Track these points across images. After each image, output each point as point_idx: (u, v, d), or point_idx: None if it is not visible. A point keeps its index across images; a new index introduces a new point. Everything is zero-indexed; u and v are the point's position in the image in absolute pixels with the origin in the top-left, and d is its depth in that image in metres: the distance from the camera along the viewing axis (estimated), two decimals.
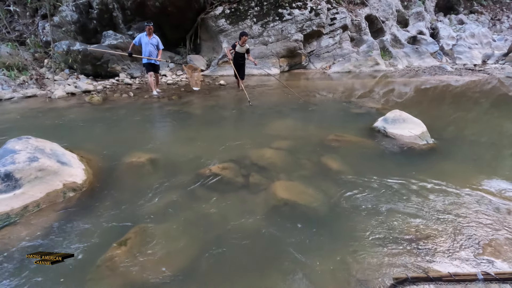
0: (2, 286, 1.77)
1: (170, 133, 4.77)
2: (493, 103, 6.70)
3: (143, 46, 6.29)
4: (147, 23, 6.15)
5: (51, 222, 2.34)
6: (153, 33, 6.27)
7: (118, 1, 8.48)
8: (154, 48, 6.31)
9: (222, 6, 9.78)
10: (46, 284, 1.80)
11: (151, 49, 6.27)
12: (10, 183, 2.42)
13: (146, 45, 6.25)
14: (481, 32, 14.17)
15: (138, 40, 6.29)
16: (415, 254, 2.04)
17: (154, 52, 6.35)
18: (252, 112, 5.62)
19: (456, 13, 16.51)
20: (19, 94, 6.50)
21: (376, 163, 3.42)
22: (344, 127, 4.59)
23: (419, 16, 14.10)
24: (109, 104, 6.05)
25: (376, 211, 2.52)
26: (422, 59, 12.16)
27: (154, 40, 6.26)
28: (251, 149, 3.70)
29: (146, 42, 6.22)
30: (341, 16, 10.81)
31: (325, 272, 1.92)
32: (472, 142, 4.25)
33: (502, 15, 17.09)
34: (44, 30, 8.53)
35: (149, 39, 6.22)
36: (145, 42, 6.23)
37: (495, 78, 9.73)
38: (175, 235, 2.24)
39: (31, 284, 1.78)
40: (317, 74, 10.24)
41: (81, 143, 3.86)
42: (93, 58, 7.87)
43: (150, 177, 3.07)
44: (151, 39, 6.23)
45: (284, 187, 2.85)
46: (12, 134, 3.32)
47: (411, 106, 6.26)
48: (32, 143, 2.81)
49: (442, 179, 3.01)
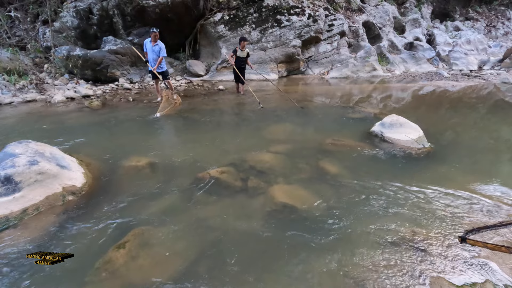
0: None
1: (169, 137, 4.79)
2: (489, 108, 6.78)
3: (148, 53, 6.11)
4: (152, 29, 5.88)
5: (50, 225, 2.35)
6: (158, 40, 5.98)
7: (118, 7, 8.56)
8: (156, 55, 6.05)
9: (221, 13, 9.89)
10: (44, 287, 1.80)
11: (154, 56, 6.06)
12: (10, 187, 2.43)
13: (149, 52, 6.08)
14: (476, 38, 14.36)
15: (144, 46, 6.14)
16: (412, 257, 2.06)
17: (156, 59, 6.09)
18: (250, 116, 5.66)
19: (452, 20, 16.75)
20: (19, 98, 6.52)
21: (373, 167, 3.46)
22: (342, 132, 4.63)
23: (416, 22, 14.30)
24: (108, 109, 6.08)
25: (373, 214, 2.55)
26: (419, 65, 12.30)
27: (156, 48, 5.98)
28: (249, 153, 3.73)
29: (150, 48, 6.04)
30: (339, 22, 10.95)
31: (323, 275, 1.94)
32: (468, 146, 4.30)
33: (497, 22, 17.35)
34: (45, 36, 8.59)
35: (152, 46, 6.00)
36: (149, 49, 6.05)
37: (491, 84, 9.84)
38: (173, 238, 2.25)
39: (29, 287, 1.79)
40: (315, 80, 10.33)
41: (81, 147, 3.88)
42: (93, 63, 7.92)
43: (149, 180, 3.09)
44: (154, 46, 5.99)
45: (282, 191, 2.87)
46: (12, 138, 3.35)
47: (408, 111, 6.32)
48: (32, 147, 2.83)
49: (436, 182, 3.04)
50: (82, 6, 8.59)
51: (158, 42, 6.00)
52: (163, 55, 6.05)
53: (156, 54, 6.04)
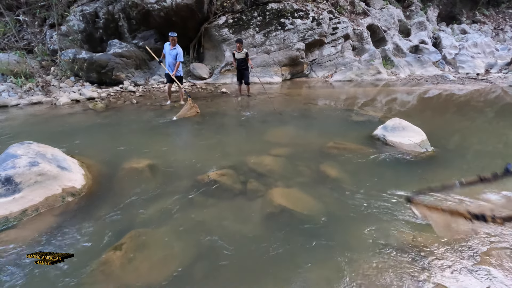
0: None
1: (170, 140, 4.81)
2: (496, 112, 6.66)
3: (166, 56, 6.29)
4: (170, 33, 6.08)
5: (48, 226, 2.36)
6: (176, 44, 6.19)
7: (123, 11, 8.69)
8: (173, 59, 6.24)
9: (225, 16, 9.96)
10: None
11: (171, 60, 6.25)
12: (10, 187, 2.45)
13: (167, 55, 6.26)
14: (483, 41, 14.17)
15: (163, 48, 6.34)
16: (411, 264, 2.02)
17: (173, 63, 6.27)
18: (252, 119, 5.66)
19: (458, 23, 16.58)
20: (25, 100, 6.64)
21: (374, 171, 3.41)
22: (343, 135, 4.59)
23: (421, 25, 14.19)
24: (112, 111, 6.14)
25: (372, 219, 2.50)
26: (424, 68, 12.18)
27: (173, 52, 6.17)
28: (250, 156, 3.71)
29: (168, 52, 6.22)
30: (343, 25, 10.93)
31: (321, 280, 1.90)
32: (474, 151, 4.21)
33: (505, 25, 17.11)
34: (52, 39, 8.75)
35: (170, 50, 6.19)
36: (167, 52, 6.24)
37: (498, 87, 9.69)
38: (170, 241, 2.24)
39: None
40: (319, 83, 10.30)
41: (83, 149, 3.92)
42: (98, 66, 8.03)
43: (149, 182, 3.09)
44: (172, 50, 6.18)
45: (281, 194, 2.84)
46: (16, 140, 3.38)
47: (413, 114, 6.25)
48: (33, 148, 2.87)
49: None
50: (88, 10, 8.74)
51: (176, 46, 6.20)
52: (180, 60, 6.24)
53: (173, 58, 6.23)
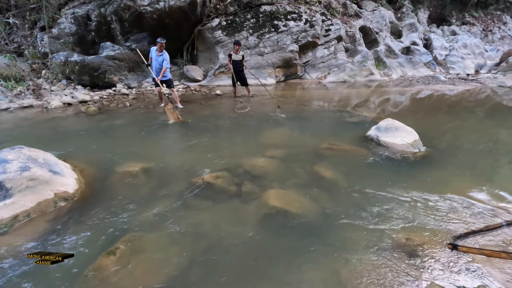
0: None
1: (165, 142, 4.78)
2: (486, 112, 6.79)
3: (152, 61, 6.23)
4: (159, 39, 5.96)
5: (40, 232, 2.33)
6: (164, 50, 6.11)
7: (116, 14, 8.62)
8: (159, 65, 6.17)
9: (218, 18, 9.96)
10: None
11: (157, 65, 6.18)
12: (1, 193, 2.41)
13: (154, 61, 6.20)
14: (473, 42, 14.44)
15: (150, 53, 6.27)
16: (405, 263, 2.04)
17: (160, 68, 6.19)
18: (246, 121, 5.66)
19: (448, 24, 16.86)
20: (16, 104, 6.53)
21: (368, 171, 3.44)
22: (337, 136, 4.63)
23: (412, 27, 14.39)
24: (105, 114, 6.08)
25: (367, 219, 2.53)
26: (416, 69, 12.35)
27: (160, 58, 6.11)
28: (244, 158, 3.71)
29: (155, 57, 6.16)
30: (336, 27, 11.03)
31: (316, 281, 1.91)
32: (465, 150, 4.28)
33: (493, 26, 17.46)
34: (42, 42, 8.63)
35: (157, 56, 6.13)
36: (154, 57, 6.18)
37: (487, 88, 9.88)
38: (165, 244, 2.23)
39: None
40: (313, 84, 10.36)
41: (76, 153, 3.87)
42: (90, 69, 7.95)
43: (143, 186, 3.07)
44: (159, 56, 6.12)
45: (276, 196, 2.85)
46: (7, 144, 3.33)
47: (405, 115, 6.32)
48: (25, 153, 2.82)
49: (431, 186, 3.03)
50: (80, 13, 8.65)
51: (163, 52, 6.12)
52: (166, 66, 6.15)
53: (159, 64, 6.15)
